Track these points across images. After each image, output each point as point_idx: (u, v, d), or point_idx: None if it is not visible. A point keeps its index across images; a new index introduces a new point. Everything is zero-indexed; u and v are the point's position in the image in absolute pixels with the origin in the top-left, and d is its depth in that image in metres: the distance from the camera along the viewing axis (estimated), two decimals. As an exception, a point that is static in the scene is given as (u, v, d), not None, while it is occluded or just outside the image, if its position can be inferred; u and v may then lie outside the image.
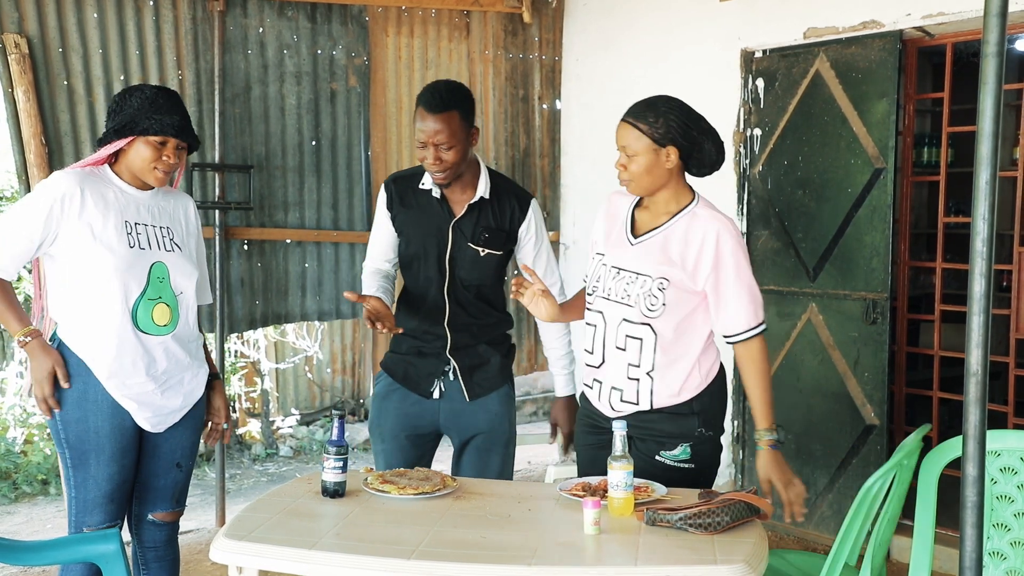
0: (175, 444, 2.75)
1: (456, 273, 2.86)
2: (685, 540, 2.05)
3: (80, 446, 2.59)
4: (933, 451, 2.38)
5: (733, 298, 2.41)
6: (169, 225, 2.72)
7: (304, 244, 4.69)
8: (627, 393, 2.47)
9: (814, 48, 4.17)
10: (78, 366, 2.58)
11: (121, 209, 2.61)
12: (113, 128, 2.60)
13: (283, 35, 4.60)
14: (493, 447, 2.94)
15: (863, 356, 4.06)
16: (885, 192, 3.98)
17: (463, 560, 1.96)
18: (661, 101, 2.42)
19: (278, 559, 2.02)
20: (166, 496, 2.79)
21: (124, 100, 2.62)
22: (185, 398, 2.73)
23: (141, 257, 2.61)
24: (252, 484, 5.70)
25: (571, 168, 5.34)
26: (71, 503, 2.65)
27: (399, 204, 2.92)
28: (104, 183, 2.62)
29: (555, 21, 5.28)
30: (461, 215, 2.84)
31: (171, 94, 2.68)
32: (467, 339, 2.90)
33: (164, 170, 2.62)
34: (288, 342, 6.90)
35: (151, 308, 2.62)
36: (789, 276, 4.31)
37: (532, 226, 2.92)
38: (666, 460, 2.46)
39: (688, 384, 2.45)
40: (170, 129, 2.59)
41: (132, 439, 2.65)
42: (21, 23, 4.04)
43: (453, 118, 2.70)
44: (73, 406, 2.58)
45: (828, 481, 4.17)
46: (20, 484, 5.38)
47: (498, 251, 2.88)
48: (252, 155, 4.55)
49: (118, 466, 2.62)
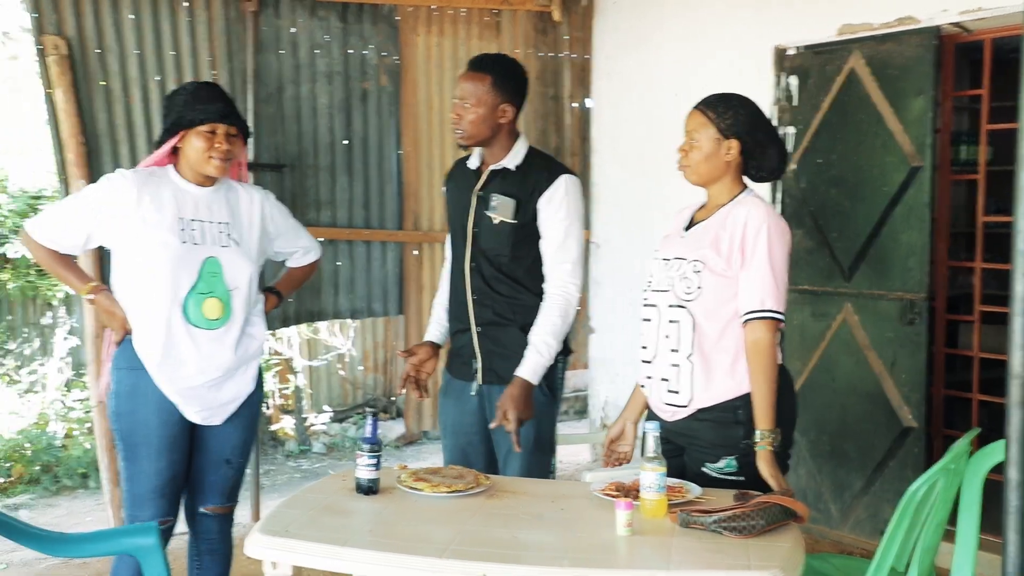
0: (224, 441, 2.79)
1: (478, 243, 2.84)
2: (719, 543, 2.03)
3: (130, 439, 2.65)
4: (976, 455, 2.34)
5: (755, 274, 2.37)
6: (228, 220, 2.76)
7: (336, 243, 4.72)
8: (672, 382, 2.45)
9: (848, 45, 4.12)
10: (131, 358, 2.64)
11: (177, 206, 2.67)
12: (165, 128, 2.70)
13: (315, 35, 4.63)
14: (510, 449, 2.76)
15: (900, 357, 4.01)
16: (922, 190, 3.92)
17: (495, 559, 1.95)
18: (735, 97, 2.49)
19: (312, 555, 2.03)
20: (215, 492, 2.83)
21: (171, 100, 2.73)
22: (236, 392, 2.77)
23: (193, 252, 2.66)
24: (286, 480, 5.75)
25: (602, 167, 5.32)
26: (125, 498, 2.71)
27: (449, 180, 3.02)
28: (163, 182, 2.69)
29: (585, 19, 5.27)
30: (483, 183, 2.85)
31: (212, 86, 2.79)
32: (491, 316, 2.82)
33: (220, 157, 2.67)
34: (321, 340, 6.95)
35: (201, 302, 2.66)
36: (823, 276, 4.26)
37: (555, 200, 2.76)
38: (711, 472, 2.42)
39: (735, 380, 2.39)
40: (214, 115, 2.66)
41: (181, 433, 2.69)
42: (60, 25, 4.10)
43: (484, 80, 2.74)
44: (125, 398, 2.65)
45: (864, 484, 4.12)
46: (61, 477, 5.47)
47: (511, 220, 2.77)
48: (285, 154, 4.59)
49: (167, 460, 2.66)
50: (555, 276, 2.80)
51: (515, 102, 2.80)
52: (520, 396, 2.68)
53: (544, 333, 2.73)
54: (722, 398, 2.41)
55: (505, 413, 2.68)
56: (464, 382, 2.91)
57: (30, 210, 6.82)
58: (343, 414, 7.17)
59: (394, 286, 4.85)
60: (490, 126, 2.77)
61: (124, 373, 2.67)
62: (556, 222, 2.78)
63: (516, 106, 2.81)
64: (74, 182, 4.05)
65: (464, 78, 2.78)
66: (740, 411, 2.39)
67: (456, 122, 2.78)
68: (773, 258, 2.38)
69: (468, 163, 2.92)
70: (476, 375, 2.86)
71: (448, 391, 2.97)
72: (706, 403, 2.41)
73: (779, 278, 2.39)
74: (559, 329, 2.75)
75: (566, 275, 2.78)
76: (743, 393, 2.39)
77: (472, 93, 2.74)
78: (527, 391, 2.70)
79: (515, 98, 2.80)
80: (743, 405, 2.39)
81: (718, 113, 2.44)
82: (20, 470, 5.48)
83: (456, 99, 2.78)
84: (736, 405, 2.39)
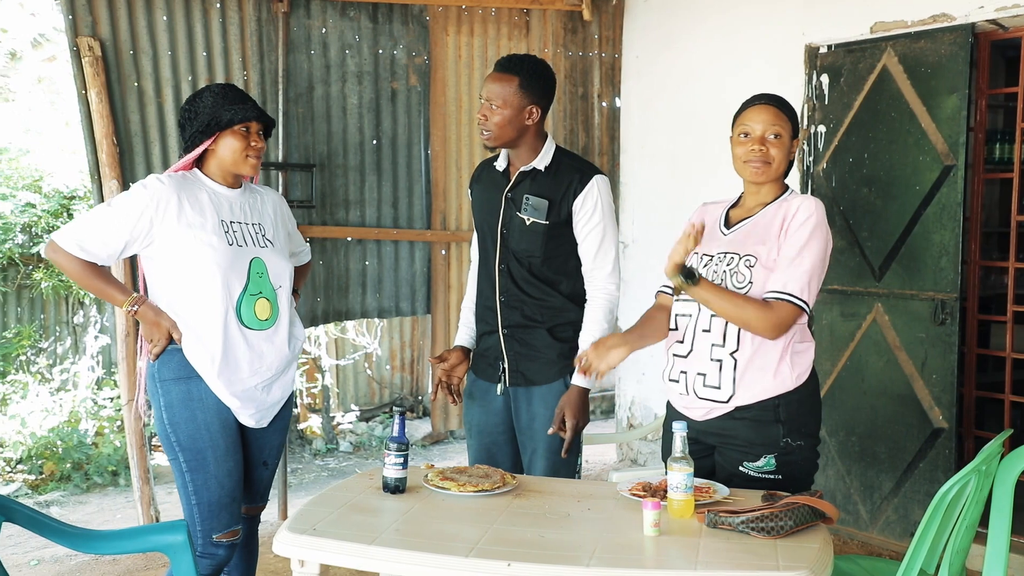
0: (265, 443, 2.80)
1: (509, 244, 2.84)
2: (747, 544, 2.01)
3: (194, 445, 2.60)
4: (1009, 456, 2.31)
5: (786, 260, 2.35)
6: (260, 222, 2.77)
7: (365, 242, 4.74)
8: (710, 377, 2.41)
9: (881, 43, 4.08)
10: (181, 366, 2.61)
11: (216, 209, 2.66)
12: (197, 130, 2.64)
13: (345, 35, 4.65)
14: (537, 450, 2.81)
15: (931, 358, 3.96)
16: (955, 189, 3.87)
17: (521, 559, 1.95)
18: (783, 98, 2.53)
19: (339, 553, 2.05)
20: (252, 493, 2.83)
21: (196, 103, 2.68)
22: (282, 393, 2.78)
23: (240, 254, 2.65)
24: (313, 479, 5.79)
25: (631, 166, 5.30)
26: (192, 513, 2.61)
27: (475, 183, 3.01)
28: (197, 186, 2.67)
29: (615, 18, 5.25)
30: (513, 184, 2.84)
31: (236, 87, 2.75)
32: (519, 318, 2.83)
33: (256, 156, 2.69)
34: (348, 339, 6.99)
35: (253, 304, 2.67)
36: (854, 275, 4.22)
37: (590, 201, 2.77)
38: (749, 471, 2.40)
39: (777, 379, 2.38)
40: (252, 113, 2.66)
41: (237, 436, 2.69)
42: (95, 26, 4.15)
43: (511, 82, 2.74)
44: (180, 406, 2.61)
45: (893, 485, 4.08)
46: (92, 475, 5.54)
47: (543, 221, 2.77)
48: (315, 154, 4.62)
49: (234, 461, 2.65)
50: (597, 278, 2.81)
51: (542, 104, 2.79)
52: (578, 402, 2.72)
53: (593, 335, 2.75)
54: (762, 396, 2.38)
55: (563, 419, 2.71)
56: (489, 383, 2.91)
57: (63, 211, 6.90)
58: (370, 413, 7.20)
59: (422, 285, 4.86)
60: (516, 127, 2.76)
61: (172, 384, 2.62)
62: (594, 224, 2.79)
63: (543, 108, 2.80)
64: (107, 183, 4.10)
65: (491, 79, 2.77)
66: (780, 409, 2.38)
67: (483, 123, 2.78)
68: (811, 250, 2.35)
69: (495, 165, 2.92)
70: (502, 377, 2.87)
71: (473, 392, 2.98)
72: (746, 401, 2.39)
73: (811, 270, 2.35)
74: (606, 330, 2.77)
75: (607, 276, 2.80)
76: (784, 391, 2.38)
77: (499, 94, 2.74)
78: (584, 397, 2.74)
79: (542, 100, 2.79)
80: (783, 403, 2.38)
81: (788, 114, 2.48)
82: (51, 467, 5.56)
83: (483, 100, 2.78)
84: (776, 404, 2.38)
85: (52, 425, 5.93)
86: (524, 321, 2.83)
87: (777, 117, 2.45)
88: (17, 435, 5.71)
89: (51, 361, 6.69)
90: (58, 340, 6.78)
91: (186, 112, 2.69)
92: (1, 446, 5.65)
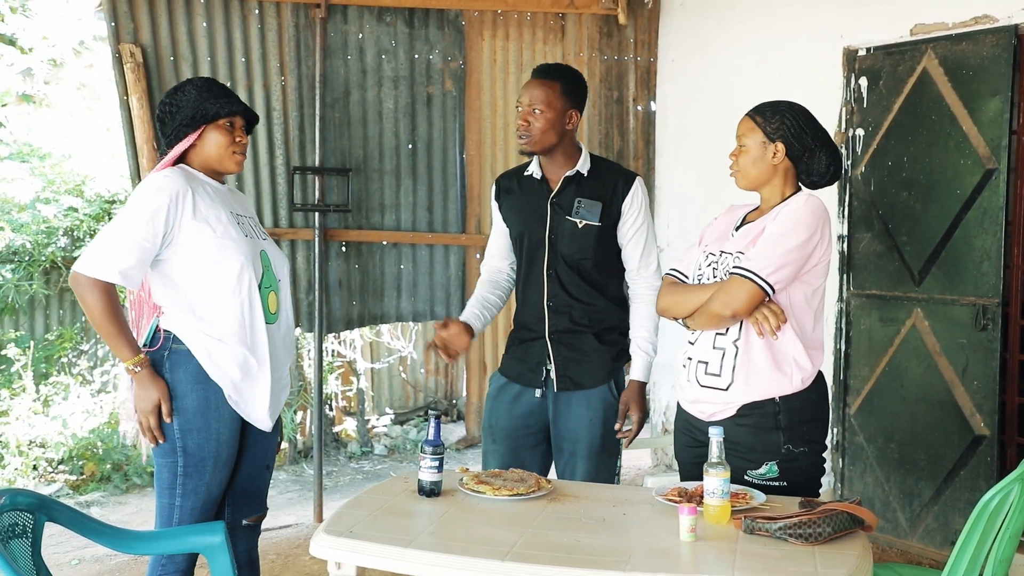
0: (267, 446, 2.73)
1: (557, 249, 2.86)
2: (784, 551, 2.00)
3: (199, 453, 2.52)
4: (1051, 465, 2.27)
5: (762, 242, 2.39)
6: (252, 215, 2.74)
7: (400, 246, 4.77)
8: (712, 365, 2.45)
9: (921, 45, 4.03)
10: (197, 374, 2.50)
11: (222, 201, 2.56)
12: (181, 123, 2.52)
13: (381, 40, 4.68)
14: (576, 452, 2.83)
15: (972, 364, 3.90)
16: (997, 193, 3.82)
17: (557, 563, 1.95)
18: (784, 103, 2.53)
19: (375, 556, 2.05)
20: (258, 499, 2.77)
21: (177, 96, 2.55)
22: (287, 392, 2.76)
23: (254, 246, 2.59)
24: (348, 481, 5.82)
25: (666, 170, 5.28)
26: (170, 511, 2.54)
27: (504, 193, 3.01)
28: (195, 179, 2.54)
29: (651, 22, 5.24)
30: (558, 189, 2.87)
31: (218, 81, 2.64)
32: (567, 323, 2.86)
33: (241, 151, 2.59)
34: (383, 342, 7.02)
35: (267, 297, 2.60)
36: (892, 280, 4.17)
37: (636, 202, 2.88)
38: (754, 479, 2.41)
39: (778, 378, 2.39)
40: (237, 107, 2.57)
41: (238, 445, 2.63)
42: (136, 33, 4.22)
43: (553, 87, 2.79)
44: (196, 415, 2.51)
45: (933, 493, 4.02)
46: (131, 476, 5.61)
47: (596, 223, 2.83)
48: (351, 158, 4.65)
49: (227, 471, 2.60)
50: (644, 276, 2.91)
51: (580, 109, 2.86)
52: (639, 396, 2.83)
53: (645, 331, 2.87)
54: (763, 395, 2.40)
55: (627, 414, 2.83)
56: (524, 387, 2.92)
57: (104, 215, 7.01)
58: (404, 416, 7.24)
59: (456, 289, 4.88)
60: (558, 132, 2.81)
61: (189, 387, 2.50)
62: (640, 224, 2.89)
63: (580, 113, 2.86)
64: (147, 186, 4.16)
65: (533, 85, 2.81)
66: (780, 416, 2.40)
67: (524, 128, 2.80)
68: (790, 237, 2.36)
69: (528, 174, 2.93)
70: (544, 382, 2.89)
71: (502, 395, 2.96)
72: (744, 395, 2.41)
73: (784, 255, 2.35)
74: (656, 325, 2.87)
75: (653, 274, 2.91)
76: (784, 394, 2.40)
77: (542, 99, 2.78)
78: (643, 392, 2.85)
79: (579, 105, 2.87)
80: (784, 410, 2.40)
81: (765, 118, 2.48)
82: (92, 468, 5.64)
83: (524, 106, 2.81)
84: (776, 410, 2.40)
85: (93, 426, 6.03)
86: (572, 326, 2.87)
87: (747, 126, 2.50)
88: (59, 436, 5.81)
89: (92, 363, 6.80)
90: (99, 342, 6.88)
91: (167, 105, 2.55)
92: (43, 447, 5.75)
